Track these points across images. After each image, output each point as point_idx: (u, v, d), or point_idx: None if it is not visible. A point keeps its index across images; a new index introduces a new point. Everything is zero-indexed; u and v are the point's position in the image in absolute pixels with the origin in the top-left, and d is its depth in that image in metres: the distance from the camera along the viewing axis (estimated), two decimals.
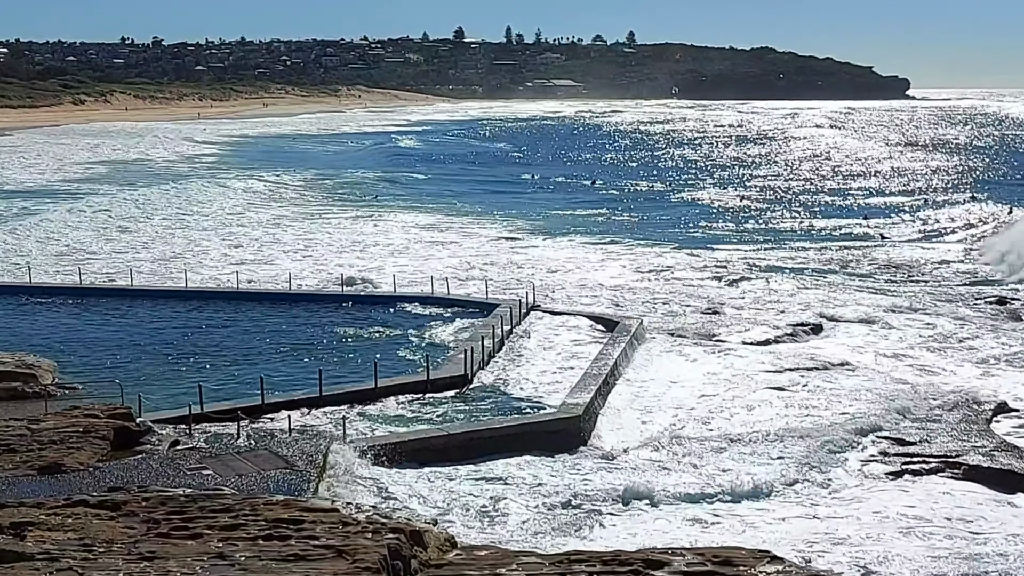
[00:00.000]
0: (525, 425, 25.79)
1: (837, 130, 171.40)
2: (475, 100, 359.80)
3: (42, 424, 22.46)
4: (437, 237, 59.14)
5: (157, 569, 11.50)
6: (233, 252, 53.56)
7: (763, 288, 44.48)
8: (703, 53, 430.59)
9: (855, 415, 27.22)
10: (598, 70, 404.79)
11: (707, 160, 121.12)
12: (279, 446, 22.46)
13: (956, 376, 31.49)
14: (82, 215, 65.81)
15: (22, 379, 27.67)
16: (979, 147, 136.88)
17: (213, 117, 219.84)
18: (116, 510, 13.71)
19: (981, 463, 23.85)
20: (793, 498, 22.33)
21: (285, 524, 13.03)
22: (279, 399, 26.82)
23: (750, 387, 29.87)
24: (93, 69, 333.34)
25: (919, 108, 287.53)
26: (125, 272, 44.52)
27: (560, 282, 45.38)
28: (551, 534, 20.35)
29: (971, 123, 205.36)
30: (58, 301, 40.05)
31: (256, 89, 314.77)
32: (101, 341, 34.11)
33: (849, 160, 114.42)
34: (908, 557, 19.33)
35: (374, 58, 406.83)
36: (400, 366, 30.95)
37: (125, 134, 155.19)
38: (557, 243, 57.26)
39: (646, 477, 23.07)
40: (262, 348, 33.32)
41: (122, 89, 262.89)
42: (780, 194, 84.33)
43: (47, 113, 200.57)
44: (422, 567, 12.58)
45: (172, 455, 21.76)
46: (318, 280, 45.25)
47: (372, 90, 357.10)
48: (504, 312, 35.89)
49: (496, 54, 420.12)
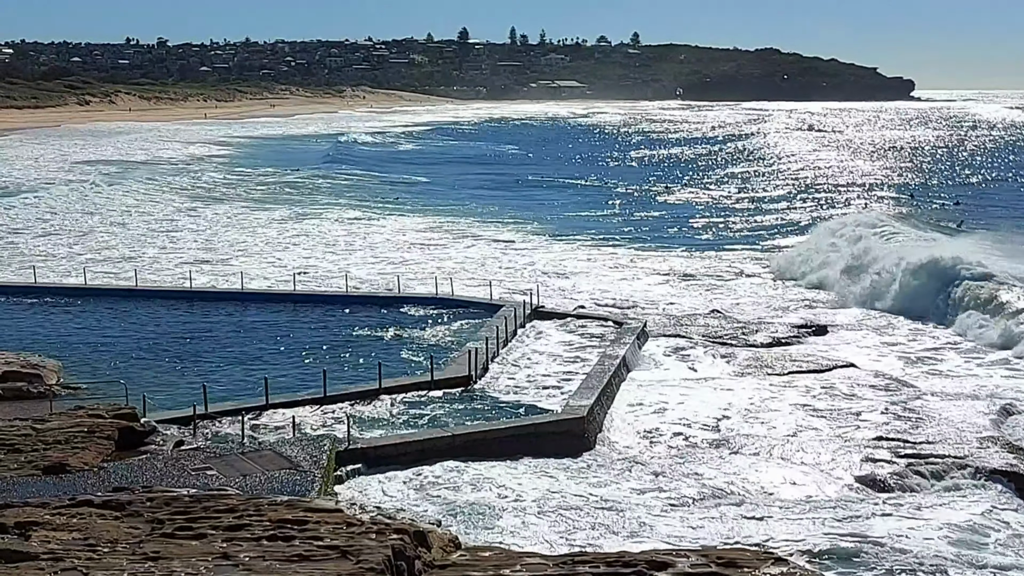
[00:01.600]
0: (529, 427, 25.77)
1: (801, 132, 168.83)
2: (479, 101, 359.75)
3: (47, 424, 22.50)
4: (437, 239, 59.11)
5: (161, 569, 11.51)
6: (233, 252, 53.63)
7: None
8: (707, 54, 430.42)
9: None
10: (603, 71, 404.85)
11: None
12: (283, 446, 22.48)
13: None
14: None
15: (27, 379, 27.72)
16: (924, 150, 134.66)
17: (222, 117, 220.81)
18: (120, 510, 13.74)
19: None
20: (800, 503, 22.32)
21: (289, 524, 13.06)
22: (283, 399, 26.85)
23: (760, 391, 29.87)
24: (98, 70, 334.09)
25: (903, 109, 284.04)
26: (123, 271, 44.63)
27: (562, 285, 45.37)
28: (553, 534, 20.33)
29: (935, 125, 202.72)
30: (63, 301, 40.11)
31: (260, 90, 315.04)
32: (105, 341, 34.14)
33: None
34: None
35: (378, 59, 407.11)
36: (404, 367, 30.96)
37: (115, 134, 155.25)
38: (563, 244, 57.26)
39: (648, 480, 23.06)
40: (266, 348, 33.34)
41: (127, 90, 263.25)
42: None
43: (52, 114, 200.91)
44: (426, 568, 12.59)
45: (176, 455, 21.78)
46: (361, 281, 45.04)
47: (376, 91, 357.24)
48: (508, 313, 35.90)
49: (501, 55, 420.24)
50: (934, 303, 39.37)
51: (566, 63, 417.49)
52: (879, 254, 44.97)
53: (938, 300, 39.37)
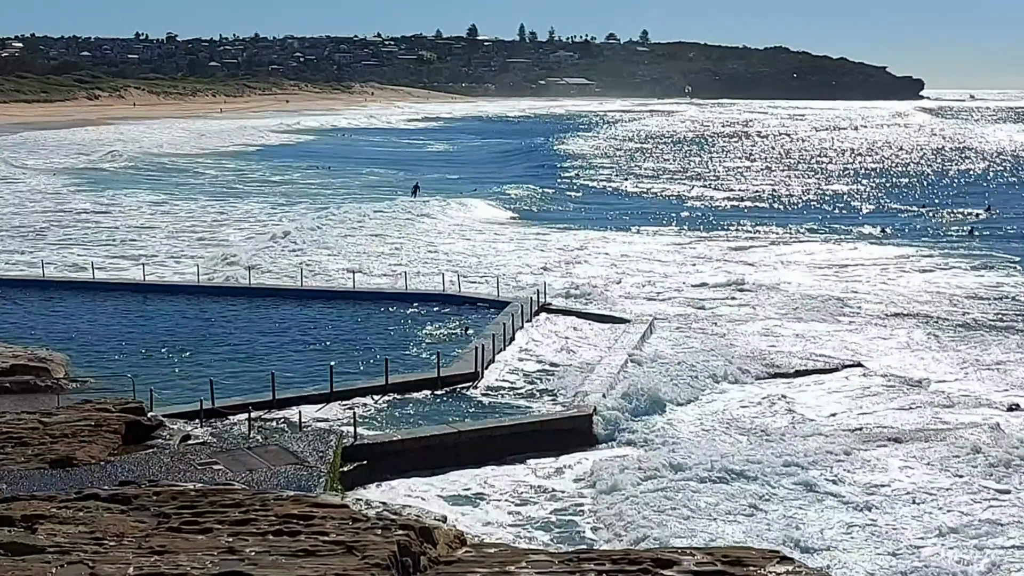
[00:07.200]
0: (536, 423, 25.79)
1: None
2: (488, 98, 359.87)
3: (54, 418, 22.52)
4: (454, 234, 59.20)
5: (167, 563, 11.52)
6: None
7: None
8: (717, 52, 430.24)
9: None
10: (611, 69, 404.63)
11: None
12: (290, 441, 22.51)
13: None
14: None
15: (34, 373, 27.79)
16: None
17: (258, 110, 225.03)
18: (127, 504, 13.76)
19: None
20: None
21: (295, 520, 13.06)
22: (290, 395, 26.88)
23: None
24: (107, 64, 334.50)
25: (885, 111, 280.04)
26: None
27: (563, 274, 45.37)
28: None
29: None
30: (70, 295, 40.21)
31: (269, 85, 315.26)
32: (113, 335, 34.22)
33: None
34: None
35: (387, 55, 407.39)
36: (411, 363, 30.99)
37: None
38: (571, 235, 57.25)
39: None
40: (273, 344, 33.38)
41: (136, 84, 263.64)
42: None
43: (62, 108, 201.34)
44: (432, 564, 12.59)
45: (183, 450, 21.80)
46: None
47: (385, 87, 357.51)
48: (515, 310, 35.91)
49: (509, 52, 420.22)
50: None
51: (575, 60, 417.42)
52: None
53: None
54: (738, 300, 41.98)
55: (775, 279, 46.26)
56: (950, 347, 34.80)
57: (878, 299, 42.10)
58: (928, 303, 41.40)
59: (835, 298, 42.23)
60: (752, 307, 40.68)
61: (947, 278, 46.83)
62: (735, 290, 43.86)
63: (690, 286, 44.63)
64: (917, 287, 44.63)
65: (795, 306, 40.82)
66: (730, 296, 42.71)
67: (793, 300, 41.93)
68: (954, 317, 39.08)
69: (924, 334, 36.39)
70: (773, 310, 40.22)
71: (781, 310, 40.23)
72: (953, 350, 34.40)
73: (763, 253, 53.95)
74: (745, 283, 45.01)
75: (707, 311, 39.74)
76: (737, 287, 44.34)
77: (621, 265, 49.66)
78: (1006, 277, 47.13)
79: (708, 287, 44.52)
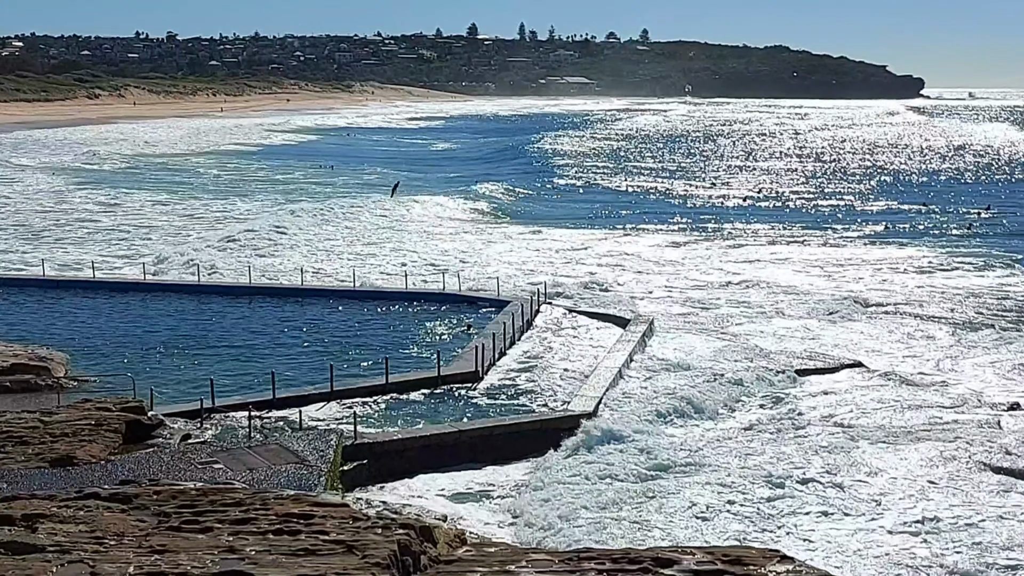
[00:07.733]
0: (535, 423, 25.78)
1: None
2: (488, 97, 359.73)
3: (54, 417, 22.53)
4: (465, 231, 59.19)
5: (167, 562, 11.51)
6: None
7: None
8: (717, 51, 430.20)
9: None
10: (611, 68, 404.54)
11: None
12: (290, 441, 22.51)
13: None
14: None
15: (35, 372, 27.79)
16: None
17: (272, 109, 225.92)
18: (127, 503, 13.75)
19: None
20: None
21: (295, 519, 13.05)
22: (290, 394, 26.87)
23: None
24: (108, 63, 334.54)
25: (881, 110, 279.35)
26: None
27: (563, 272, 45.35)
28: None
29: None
30: (71, 295, 40.20)
31: (269, 84, 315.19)
32: (114, 334, 34.21)
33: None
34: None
35: (387, 54, 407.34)
36: (412, 362, 30.98)
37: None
38: (571, 233, 57.23)
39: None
40: (273, 343, 33.37)
41: (136, 83, 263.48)
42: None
43: (62, 107, 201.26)
44: (432, 563, 12.58)
45: (183, 449, 21.81)
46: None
47: (385, 86, 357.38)
48: (516, 309, 35.90)
49: (510, 51, 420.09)
50: None
51: (575, 59, 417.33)
52: None
53: None
54: (738, 300, 41.94)
55: (775, 278, 46.24)
56: (951, 346, 34.79)
57: (878, 298, 42.07)
58: (928, 302, 41.37)
59: (835, 297, 42.20)
60: (752, 307, 40.64)
61: (947, 277, 46.82)
62: (735, 290, 43.84)
63: (690, 287, 44.59)
64: (917, 286, 44.62)
65: (794, 305, 40.78)
66: (730, 296, 42.67)
67: (792, 299, 41.90)
68: (954, 316, 39.05)
69: (924, 333, 36.39)
70: (772, 310, 40.19)
71: (780, 310, 40.21)
72: (954, 349, 34.39)
73: (762, 252, 53.92)
74: (745, 283, 44.98)
75: (710, 311, 39.68)
76: (737, 287, 44.31)
77: (617, 263, 49.67)
78: (1007, 276, 47.11)
79: (708, 287, 44.47)
